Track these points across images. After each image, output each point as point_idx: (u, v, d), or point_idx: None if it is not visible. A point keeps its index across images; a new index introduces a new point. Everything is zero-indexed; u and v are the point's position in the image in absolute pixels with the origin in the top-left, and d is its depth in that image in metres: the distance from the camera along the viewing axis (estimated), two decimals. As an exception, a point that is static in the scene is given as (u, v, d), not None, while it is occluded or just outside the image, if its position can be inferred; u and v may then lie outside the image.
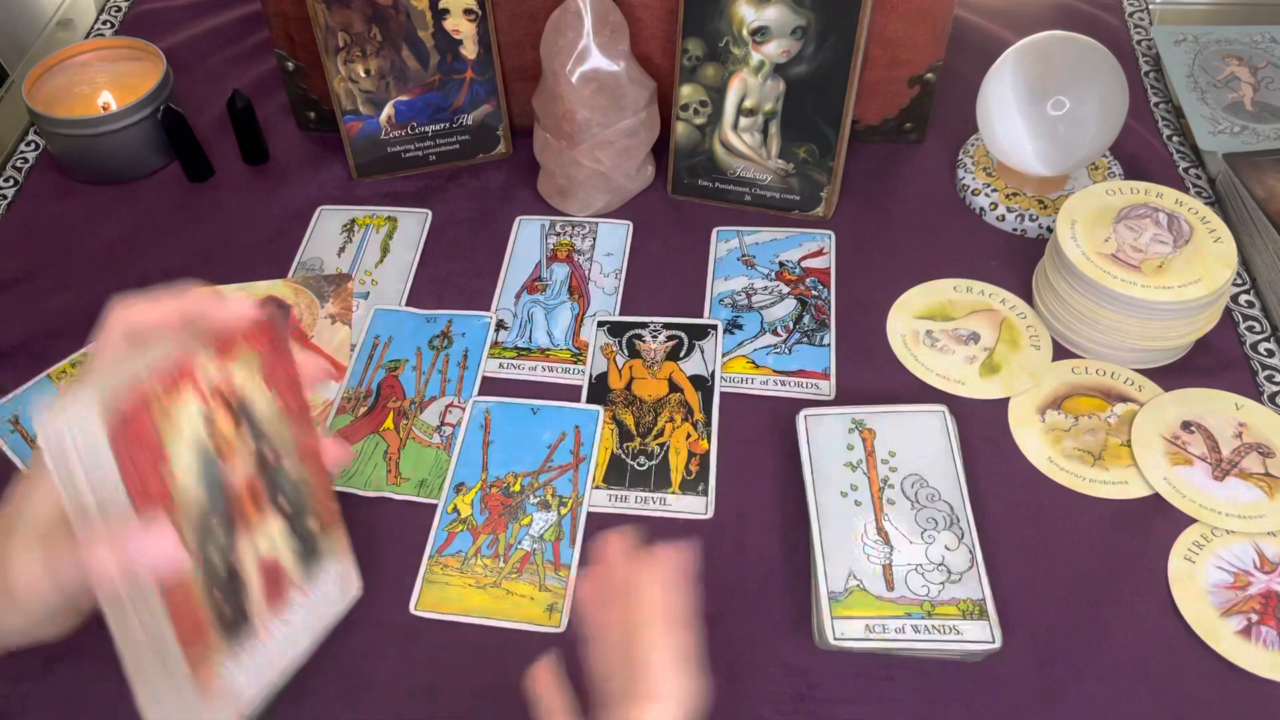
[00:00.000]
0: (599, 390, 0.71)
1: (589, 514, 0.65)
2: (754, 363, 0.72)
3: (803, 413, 0.66)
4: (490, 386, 0.72)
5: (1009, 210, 0.80)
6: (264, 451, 0.42)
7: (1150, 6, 1.01)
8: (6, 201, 0.84)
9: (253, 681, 0.42)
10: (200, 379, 0.39)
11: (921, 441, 0.65)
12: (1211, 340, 0.71)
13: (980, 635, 0.56)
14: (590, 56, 0.76)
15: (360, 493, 0.66)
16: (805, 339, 0.74)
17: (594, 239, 0.81)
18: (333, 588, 0.46)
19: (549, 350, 0.74)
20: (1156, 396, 0.69)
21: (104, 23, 1.00)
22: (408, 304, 0.77)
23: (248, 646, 0.42)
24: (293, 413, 0.43)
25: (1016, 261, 0.78)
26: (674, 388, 0.71)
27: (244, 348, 0.41)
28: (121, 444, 0.35)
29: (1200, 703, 0.56)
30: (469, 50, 0.82)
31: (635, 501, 0.65)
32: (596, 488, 0.66)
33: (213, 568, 0.39)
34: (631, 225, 0.82)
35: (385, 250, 0.81)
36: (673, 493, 0.65)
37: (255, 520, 0.42)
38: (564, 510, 0.65)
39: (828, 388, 0.70)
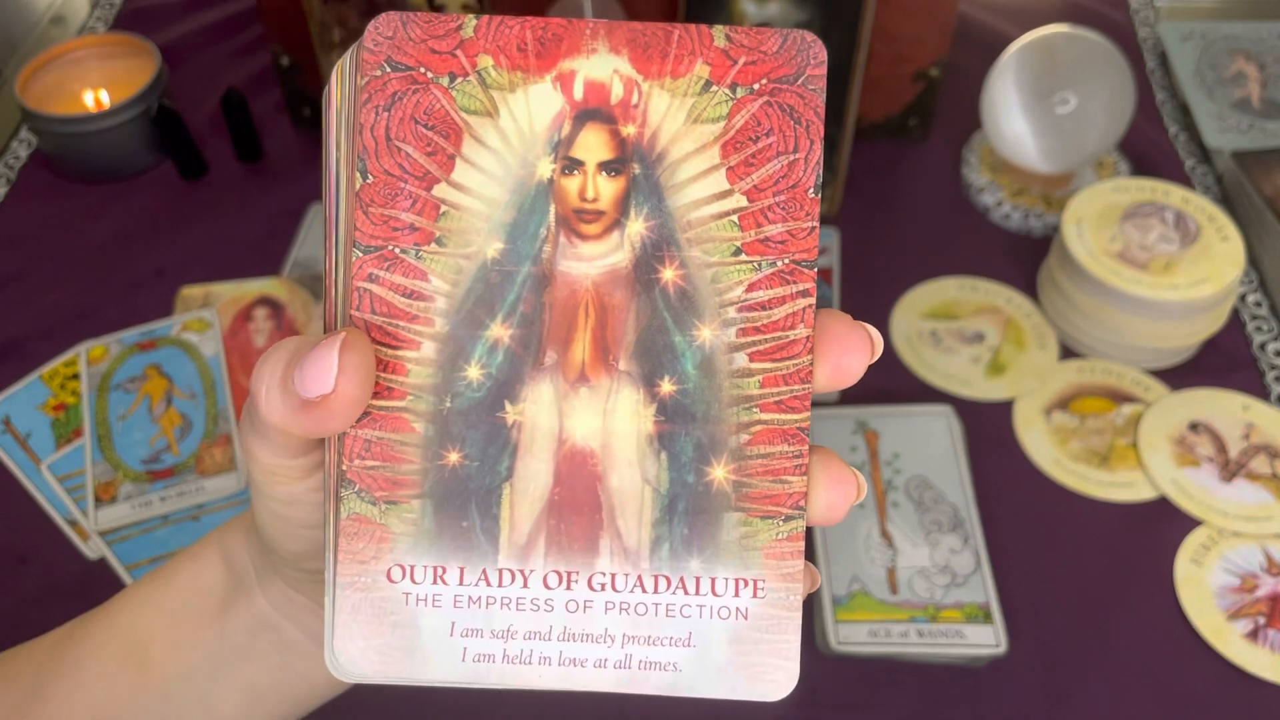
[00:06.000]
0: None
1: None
2: (755, 363, 0.71)
3: (805, 413, 0.66)
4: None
5: (1014, 208, 0.79)
6: (659, 273, 0.24)
7: (1156, 2, 1.00)
8: (-2, 199, 0.83)
9: (420, 654, 0.23)
10: (575, 70, 0.23)
11: (926, 443, 0.64)
12: (1219, 340, 0.71)
13: (985, 639, 0.55)
14: (590, 51, 0.74)
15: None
16: (807, 338, 0.73)
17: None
18: (717, 638, 0.24)
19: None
20: (1163, 397, 0.68)
21: (97, 19, 0.99)
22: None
23: (468, 584, 0.23)
24: (768, 242, 0.24)
25: (1022, 260, 0.77)
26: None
27: (702, 70, 0.23)
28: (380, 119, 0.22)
29: (1206, 706, 0.55)
30: (467, 45, 0.81)
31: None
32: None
33: (460, 400, 0.23)
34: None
35: (382, 248, 0.80)
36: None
37: (584, 364, 0.24)
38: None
39: (830, 388, 0.70)
